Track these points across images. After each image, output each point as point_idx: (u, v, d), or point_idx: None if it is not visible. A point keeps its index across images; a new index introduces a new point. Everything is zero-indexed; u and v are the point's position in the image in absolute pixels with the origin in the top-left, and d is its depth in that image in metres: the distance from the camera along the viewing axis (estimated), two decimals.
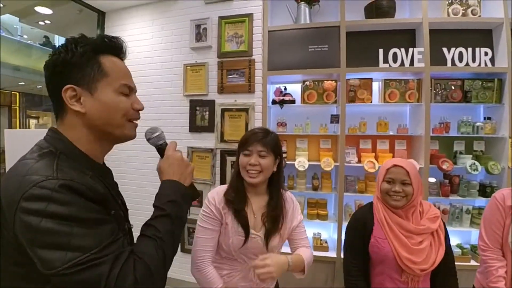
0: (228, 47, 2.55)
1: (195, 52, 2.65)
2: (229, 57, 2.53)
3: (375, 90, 2.48)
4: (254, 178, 1.13)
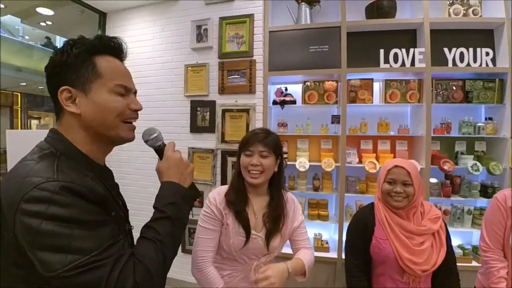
0: (229, 47, 2.55)
1: (196, 53, 2.65)
2: (230, 57, 2.54)
3: (376, 91, 2.48)
4: (255, 178, 1.13)
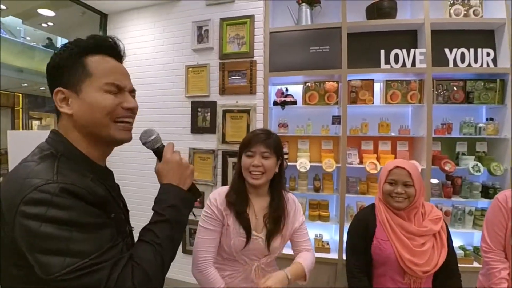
0: (230, 48, 2.55)
1: (197, 54, 2.66)
2: (230, 58, 2.54)
3: (376, 91, 2.47)
4: (257, 179, 1.13)
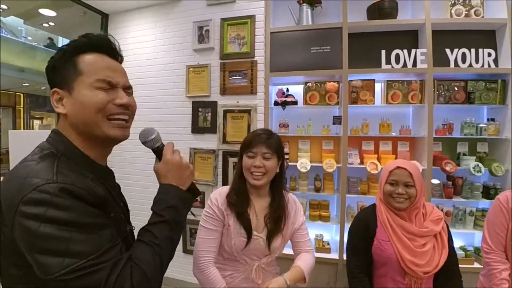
0: (231, 48, 2.55)
1: (198, 54, 2.66)
2: (231, 58, 2.54)
3: (377, 91, 2.47)
4: (258, 180, 1.13)
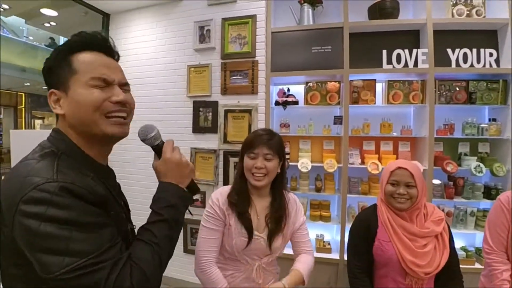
0: (231, 48, 2.55)
1: (199, 54, 2.66)
2: (232, 58, 2.54)
3: (378, 91, 2.47)
4: (259, 181, 1.13)
